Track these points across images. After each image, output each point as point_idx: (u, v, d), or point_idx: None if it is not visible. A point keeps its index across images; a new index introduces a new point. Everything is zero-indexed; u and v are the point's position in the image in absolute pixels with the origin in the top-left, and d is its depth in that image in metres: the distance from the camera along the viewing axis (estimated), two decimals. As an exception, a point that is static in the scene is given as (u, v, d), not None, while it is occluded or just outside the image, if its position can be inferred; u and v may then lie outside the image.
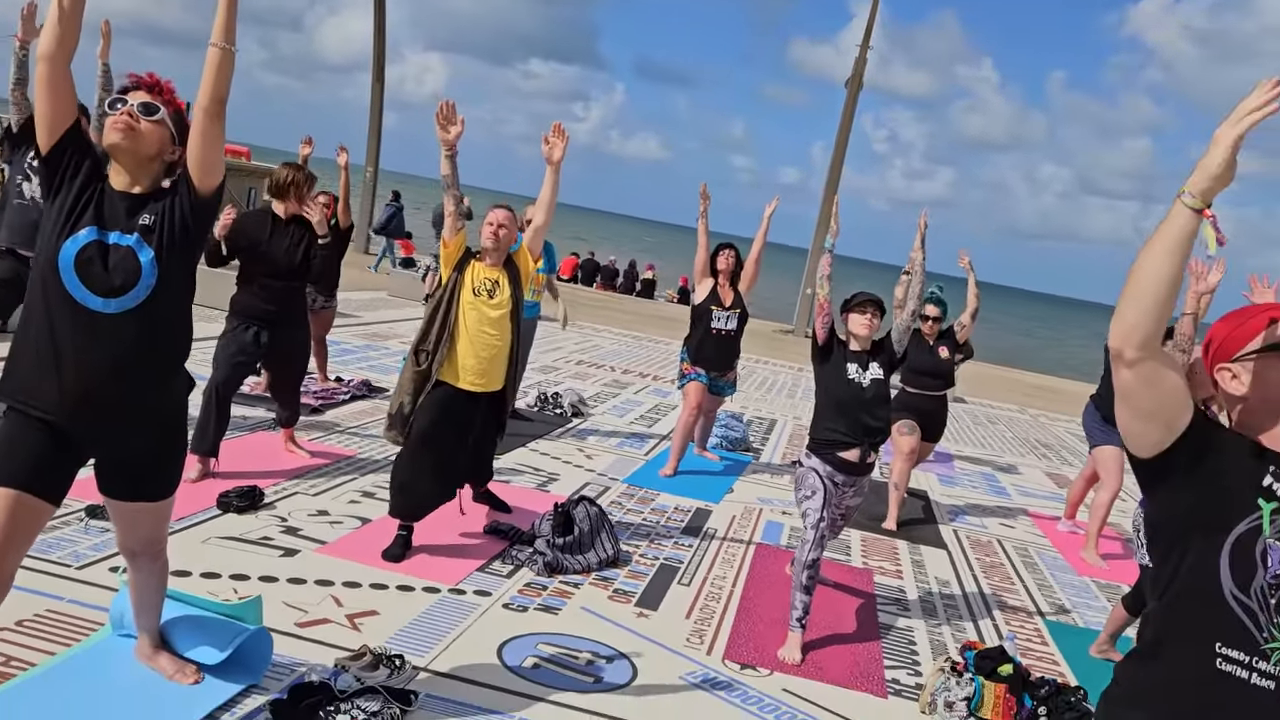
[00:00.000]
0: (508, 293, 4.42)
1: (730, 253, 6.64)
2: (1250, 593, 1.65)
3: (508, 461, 6.25)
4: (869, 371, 4.13)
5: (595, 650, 3.73)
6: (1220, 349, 1.82)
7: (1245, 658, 1.65)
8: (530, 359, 10.47)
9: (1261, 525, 1.65)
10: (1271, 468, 1.70)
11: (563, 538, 4.54)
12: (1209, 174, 1.61)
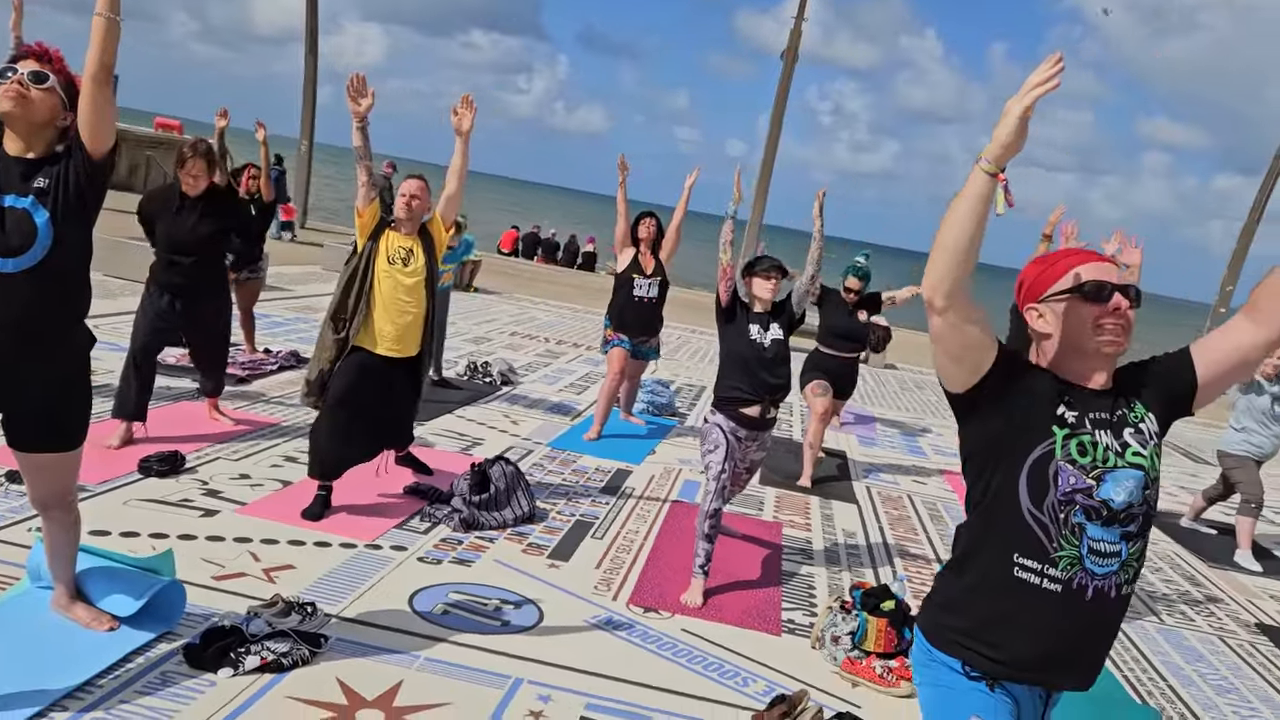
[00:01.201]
0: (422, 261, 4.56)
1: (651, 221, 6.83)
2: (1043, 509, 1.88)
3: (433, 427, 6.40)
4: (770, 332, 4.34)
5: (504, 597, 3.93)
6: (1029, 290, 2.04)
7: (1038, 566, 1.89)
8: (464, 330, 10.63)
9: (1054, 450, 1.87)
10: (1066, 398, 1.93)
11: (479, 495, 4.71)
12: (1000, 143, 1.77)
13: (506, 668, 3.35)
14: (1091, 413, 1.92)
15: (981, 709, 1.90)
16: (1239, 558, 6.30)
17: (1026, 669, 1.96)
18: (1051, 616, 1.91)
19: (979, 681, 1.92)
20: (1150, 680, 4.22)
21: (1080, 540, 1.88)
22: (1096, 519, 1.89)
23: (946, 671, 1.96)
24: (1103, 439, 1.90)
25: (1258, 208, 18.17)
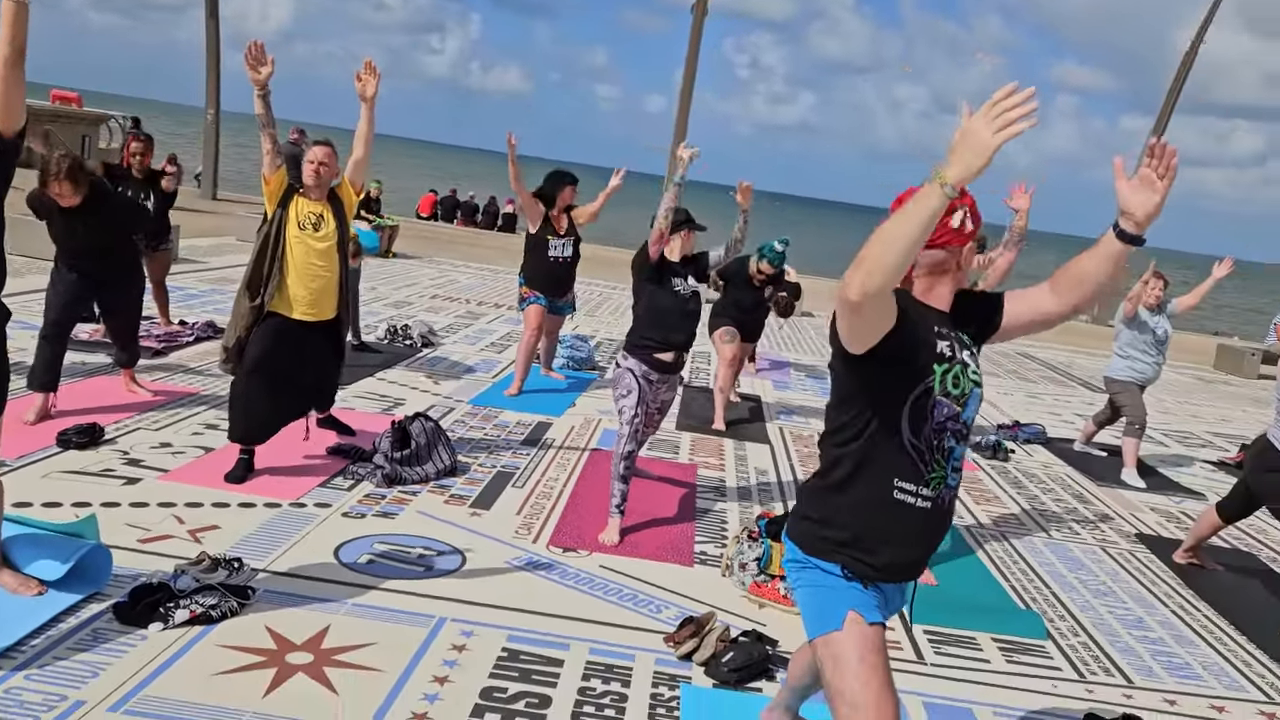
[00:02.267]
0: (332, 225, 4.63)
1: (573, 189, 6.94)
2: (920, 438, 2.11)
3: (355, 390, 6.49)
4: (689, 283, 4.54)
5: (428, 546, 4.09)
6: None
7: (913, 487, 2.14)
8: (383, 295, 10.64)
9: (934, 385, 2.09)
10: (936, 328, 2.13)
11: (400, 452, 4.85)
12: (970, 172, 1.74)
13: (430, 608, 3.53)
14: (949, 339, 2.15)
15: (857, 603, 2.14)
16: (1125, 476, 6.74)
17: (898, 573, 2.22)
18: (921, 528, 2.18)
19: (854, 581, 2.16)
20: (1035, 589, 4.57)
21: (947, 461, 2.14)
22: (960, 439, 2.15)
23: (824, 575, 2.19)
24: (959, 362, 2.13)
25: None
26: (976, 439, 7.24)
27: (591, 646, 3.41)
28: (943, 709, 3.32)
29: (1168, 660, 3.96)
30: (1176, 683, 3.77)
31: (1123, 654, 3.96)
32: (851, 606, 2.13)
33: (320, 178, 4.60)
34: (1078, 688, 3.62)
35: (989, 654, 3.80)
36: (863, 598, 2.17)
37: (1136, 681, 3.73)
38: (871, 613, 2.14)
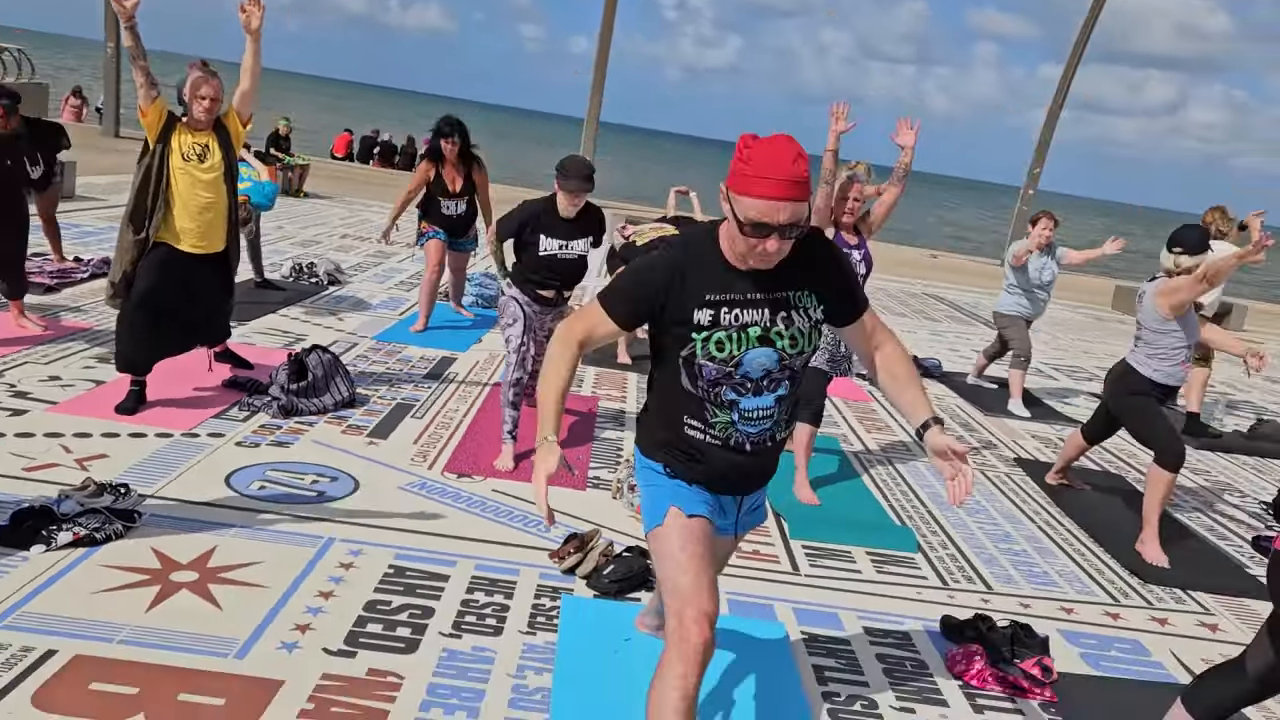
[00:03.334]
0: (219, 155, 4.57)
1: (453, 143, 6.69)
2: (698, 388, 2.25)
3: (256, 326, 6.45)
4: (574, 248, 4.60)
5: (321, 473, 4.15)
6: (730, 173, 2.14)
7: (701, 427, 2.29)
8: (291, 234, 10.48)
9: (695, 351, 2.21)
10: (709, 297, 2.19)
11: (297, 383, 4.87)
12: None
13: (320, 530, 3.60)
14: (735, 305, 2.18)
15: (678, 499, 2.28)
16: (1011, 406, 7.06)
17: (717, 488, 2.37)
18: (719, 460, 2.32)
19: (677, 479, 2.30)
20: (913, 507, 4.81)
21: (733, 411, 2.26)
22: (746, 392, 2.24)
23: (653, 474, 2.35)
24: (739, 325, 2.18)
25: (1060, 94, 19.35)
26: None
27: (478, 563, 3.52)
28: (811, 614, 3.52)
29: (1027, 569, 4.23)
30: (1032, 589, 4.03)
31: (986, 564, 4.22)
32: (673, 502, 2.28)
33: (211, 114, 4.53)
34: (940, 594, 3.86)
35: (861, 565, 4.02)
36: (686, 493, 2.31)
37: (995, 588, 3.99)
38: (693, 506, 2.28)
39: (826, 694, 3.01)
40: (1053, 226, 7.02)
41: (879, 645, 3.36)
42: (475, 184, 6.86)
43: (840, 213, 4.59)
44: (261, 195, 6.95)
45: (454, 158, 6.70)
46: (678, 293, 2.18)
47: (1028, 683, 3.17)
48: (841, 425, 6.13)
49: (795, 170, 2.01)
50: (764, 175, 2.01)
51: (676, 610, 2.14)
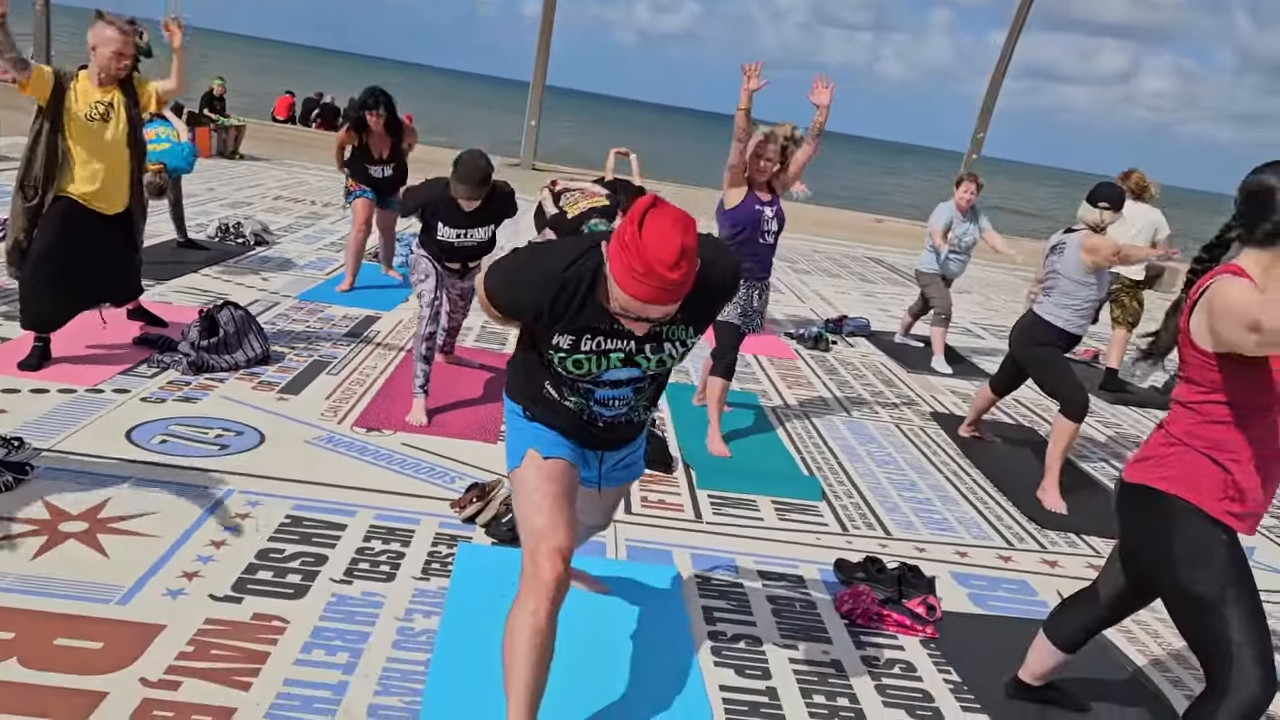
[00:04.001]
0: (124, 116, 4.48)
1: (379, 115, 6.56)
2: (552, 371, 2.28)
3: (175, 285, 6.37)
4: (474, 234, 4.63)
5: (226, 427, 4.13)
6: (612, 243, 2.05)
7: (558, 394, 2.32)
8: (222, 195, 10.31)
9: (553, 360, 2.24)
10: (575, 325, 2.17)
11: (208, 339, 4.82)
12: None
13: (219, 482, 3.59)
14: (598, 334, 2.18)
15: (536, 441, 2.32)
16: (934, 363, 7.19)
17: (577, 441, 2.40)
18: (575, 424, 2.36)
19: (535, 422, 2.34)
20: (823, 459, 4.90)
21: (588, 397, 2.30)
22: (604, 386, 2.28)
23: (515, 416, 2.39)
24: (600, 351, 2.19)
25: (1004, 61, 19.52)
26: (800, 331, 7.60)
27: (378, 513, 3.54)
28: (709, 559, 3.59)
29: (928, 516, 4.34)
30: (930, 534, 4.15)
31: (889, 511, 4.32)
32: (532, 444, 2.32)
33: (119, 68, 4.43)
34: (839, 540, 3.95)
35: (764, 513, 4.10)
36: (544, 435, 2.35)
37: (894, 534, 4.09)
38: (551, 448, 2.32)
39: (713, 633, 3.08)
40: (975, 190, 7.12)
41: (771, 588, 3.45)
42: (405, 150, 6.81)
43: (754, 170, 4.63)
44: (180, 158, 6.82)
45: (380, 129, 6.62)
46: (544, 313, 2.16)
47: (911, 620, 3.27)
48: (763, 381, 6.21)
49: (674, 276, 1.90)
50: (641, 275, 1.90)
51: (531, 548, 2.18)
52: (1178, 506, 2.27)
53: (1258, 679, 2.13)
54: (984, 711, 2.87)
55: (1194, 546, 2.24)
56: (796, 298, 9.57)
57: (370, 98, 6.56)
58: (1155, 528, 2.32)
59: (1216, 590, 2.19)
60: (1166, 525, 2.28)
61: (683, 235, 1.91)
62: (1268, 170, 2.23)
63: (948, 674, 3.06)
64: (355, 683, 2.55)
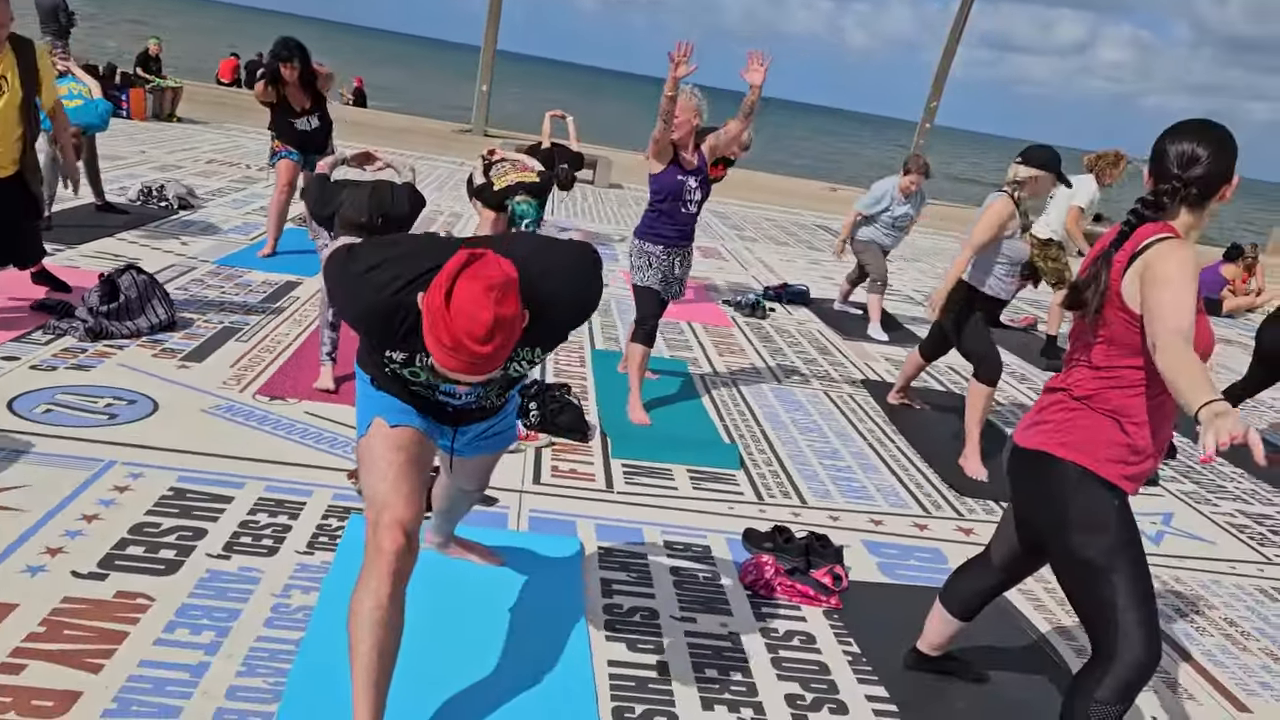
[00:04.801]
0: (16, 85, 4.27)
1: (293, 68, 6.32)
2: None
3: (87, 249, 6.13)
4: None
5: (118, 396, 3.95)
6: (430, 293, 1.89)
7: (407, 372, 2.16)
8: (153, 158, 10.00)
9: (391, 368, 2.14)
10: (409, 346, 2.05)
11: (107, 305, 4.63)
12: None
13: (102, 453, 3.43)
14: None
15: (383, 409, 2.20)
16: (870, 330, 7.13)
17: (427, 414, 2.29)
18: (423, 401, 2.25)
19: (382, 391, 2.22)
20: (746, 427, 4.82)
21: (432, 388, 2.21)
22: (448, 382, 2.18)
23: (364, 383, 2.30)
24: (436, 372, 2.06)
25: (956, 29, 19.45)
26: (737, 298, 7.51)
27: (268, 484, 3.40)
28: (614, 529, 3.49)
29: (846, 484, 4.28)
30: (846, 502, 4.08)
31: (807, 480, 4.25)
32: (378, 412, 2.20)
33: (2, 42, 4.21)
34: (752, 508, 3.87)
35: (679, 483, 4.01)
36: (392, 403, 2.23)
37: (810, 502, 4.02)
38: (398, 416, 2.20)
39: (609, 606, 2.99)
40: (920, 182, 7.08)
41: (677, 559, 3.36)
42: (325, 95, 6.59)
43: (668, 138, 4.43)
44: (93, 115, 6.55)
45: (295, 80, 6.37)
46: (377, 330, 2.03)
47: (815, 591, 3.20)
48: (695, 349, 6.11)
49: (484, 350, 1.76)
50: (449, 349, 1.77)
51: (372, 519, 2.07)
52: (1073, 472, 2.20)
53: (1143, 644, 2.07)
54: (880, 683, 2.81)
55: (1087, 512, 2.17)
56: (740, 265, 9.49)
57: (284, 49, 6.31)
58: (1049, 493, 2.26)
59: (1106, 556, 2.13)
60: (1061, 490, 2.22)
61: (496, 305, 1.73)
62: (1197, 133, 2.14)
63: (848, 645, 2.99)
64: (217, 663, 2.43)
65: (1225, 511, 4.71)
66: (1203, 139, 2.12)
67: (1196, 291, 2.04)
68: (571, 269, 2.04)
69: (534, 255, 1.99)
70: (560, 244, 2.13)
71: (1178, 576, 3.89)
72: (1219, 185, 2.13)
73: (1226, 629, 3.50)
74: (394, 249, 2.02)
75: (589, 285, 2.08)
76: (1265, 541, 4.41)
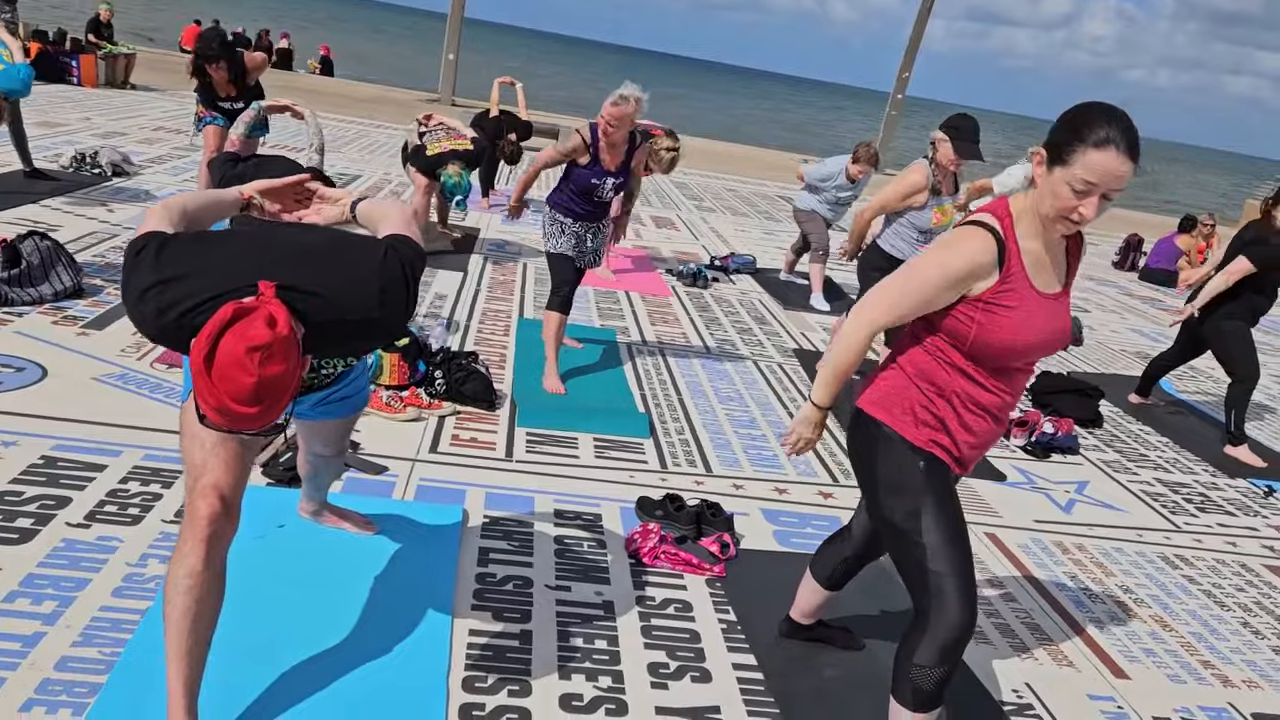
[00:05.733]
0: None
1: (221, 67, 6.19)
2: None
3: (7, 216, 5.99)
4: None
5: (6, 363, 3.86)
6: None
7: None
8: (97, 125, 9.82)
9: None
10: None
11: (8, 271, 4.52)
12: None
13: (-24, 421, 3.35)
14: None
15: None
16: (813, 300, 7.08)
17: None
18: None
19: None
20: (664, 395, 4.76)
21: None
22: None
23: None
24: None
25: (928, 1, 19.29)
26: (679, 268, 7.45)
27: (147, 453, 3.33)
28: (505, 498, 3.44)
29: (757, 453, 4.23)
30: (754, 471, 4.04)
31: (719, 449, 4.20)
32: None
33: None
34: (654, 477, 3.82)
35: (583, 451, 3.96)
36: None
37: (716, 470, 3.98)
38: None
39: (482, 575, 2.93)
40: (869, 172, 7.03)
41: (564, 527, 3.31)
42: (255, 84, 6.45)
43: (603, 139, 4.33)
44: (13, 80, 6.39)
45: (224, 79, 6.24)
46: (169, 344, 1.89)
47: (698, 559, 3.16)
48: (627, 318, 6.05)
49: (252, 411, 1.66)
50: (215, 410, 1.67)
51: (189, 484, 2.00)
52: (883, 432, 2.16)
53: (957, 607, 2.03)
54: (750, 652, 2.77)
55: (894, 473, 2.13)
56: (692, 235, 9.41)
57: (209, 49, 6.17)
58: (859, 452, 2.23)
59: (913, 519, 2.08)
60: (872, 450, 2.18)
61: (261, 368, 1.63)
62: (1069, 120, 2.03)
63: (725, 613, 2.95)
64: (53, 634, 2.36)
65: (1143, 480, 4.70)
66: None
67: (929, 295, 2.02)
68: (363, 280, 1.89)
69: (323, 265, 1.88)
70: (355, 249, 1.96)
71: (1081, 544, 3.87)
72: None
73: (1120, 596, 3.48)
74: (200, 259, 1.82)
75: (385, 300, 1.90)
76: (1178, 510, 4.39)
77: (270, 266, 1.85)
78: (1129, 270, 11.85)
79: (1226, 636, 3.32)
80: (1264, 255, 4.96)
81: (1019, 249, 2.03)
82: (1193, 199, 31.56)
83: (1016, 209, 2.05)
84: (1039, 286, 2.04)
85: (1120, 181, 1.90)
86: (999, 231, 2.02)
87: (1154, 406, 5.91)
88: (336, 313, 1.87)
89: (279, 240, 1.98)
